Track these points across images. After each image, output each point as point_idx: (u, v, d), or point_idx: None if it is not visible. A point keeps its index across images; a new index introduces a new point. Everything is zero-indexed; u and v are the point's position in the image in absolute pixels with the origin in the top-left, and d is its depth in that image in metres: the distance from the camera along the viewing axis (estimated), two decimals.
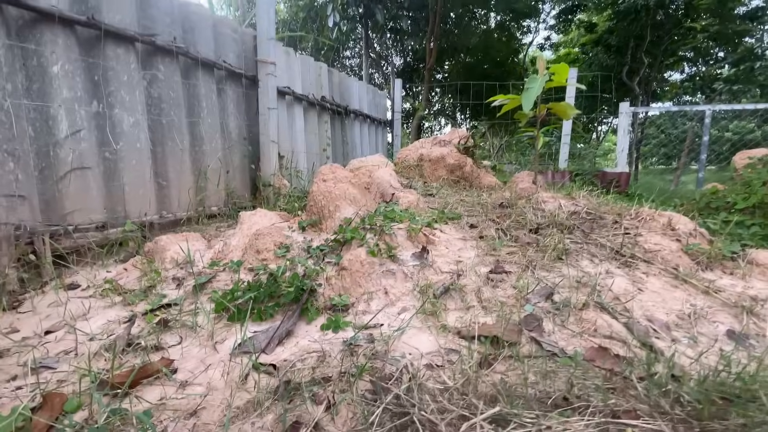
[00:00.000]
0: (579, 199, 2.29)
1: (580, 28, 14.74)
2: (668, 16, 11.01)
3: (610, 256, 1.65)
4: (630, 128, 5.79)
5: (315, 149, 4.61)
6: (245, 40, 3.44)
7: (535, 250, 1.71)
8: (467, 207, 2.40)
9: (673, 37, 11.46)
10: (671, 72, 14.48)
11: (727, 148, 10.57)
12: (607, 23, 12.76)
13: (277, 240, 1.72)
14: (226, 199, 3.26)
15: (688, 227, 1.82)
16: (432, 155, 3.30)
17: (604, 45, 13.02)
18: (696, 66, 13.64)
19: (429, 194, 2.90)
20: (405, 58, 13.86)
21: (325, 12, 6.82)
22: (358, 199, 1.94)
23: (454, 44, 12.95)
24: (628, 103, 5.69)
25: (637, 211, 2.03)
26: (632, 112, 5.69)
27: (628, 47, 12.21)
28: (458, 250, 1.72)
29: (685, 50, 12.40)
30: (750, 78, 9.22)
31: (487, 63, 14.30)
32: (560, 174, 6.12)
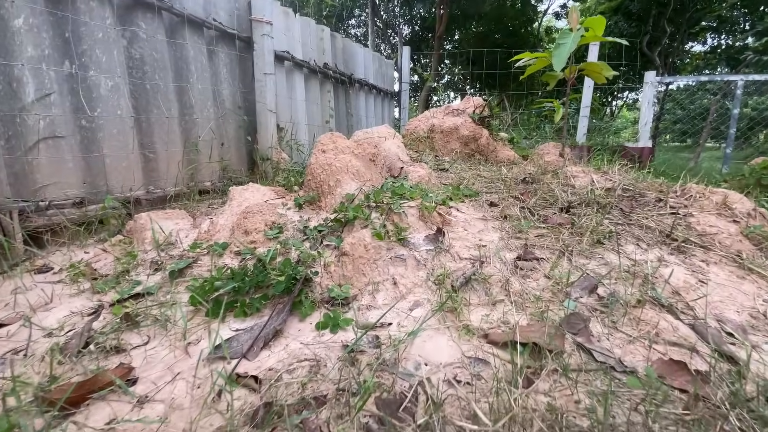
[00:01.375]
0: (613, 174, 2.03)
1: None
2: None
3: (660, 241, 1.41)
4: (655, 100, 5.40)
5: (317, 121, 4.31)
6: None
7: (570, 233, 1.47)
8: (486, 183, 2.15)
9: (697, 5, 10.71)
10: (693, 43, 13.70)
11: (746, 123, 10.03)
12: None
13: (269, 219, 1.49)
14: (221, 173, 3.02)
15: (746, 206, 1.56)
16: (444, 126, 3.01)
17: (624, 13, 12.26)
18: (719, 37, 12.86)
19: (441, 169, 2.64)
20: (413, 27, 13.21)
21: None
22: (362, 173, 1.69)
23: (466, 11, 12.27)
24: (654, 73, 5.27)
25: (683, 188, 1.77)
26: (658, 82, 5.28)
27: (649, 15, 11.48)
28: (479, 232, 1.48)
29: (710, 19, 11.63)
30: None
31: (500, 32, 13.61)
32: (578, 149, 5.78)
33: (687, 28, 11.16)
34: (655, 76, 5.26)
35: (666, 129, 14.74)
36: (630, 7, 12.04)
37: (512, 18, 13.01)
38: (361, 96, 5.46)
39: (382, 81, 6.18)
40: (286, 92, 3.73)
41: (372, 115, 5.95)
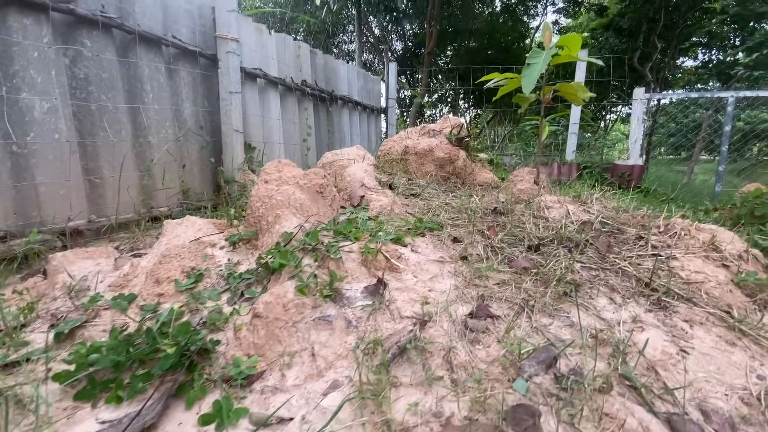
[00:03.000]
0: (591, 204, 1.85)
1: (589, 11, 14.00)
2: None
3: (637, 292, 1.22)
4: (644, 116, 5.28)
5: (295, 139, 4.16)
6: (203, 14, 2.97)
7: (534, 280, 1.28)
8: (453, 213, 1.96)
9: (687, 21, 10.77)
10: (684, 58, 13.77)
11: (738, 138, 9.96)
12: (618, 6, 12.04)
13: (188, 264, 1.29)
14: (181, 197, 2.83)
15: (737, 247, 1.37)
16: (418, 147, 2.84)
17: (615, 29, 12.32)
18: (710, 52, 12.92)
19: (412, 194, 2.46)
20: (405, 43, 13.23)
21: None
22: (307, 207, 1.50)
23: (457, 27, 12.31)
24: (643, 89, 5.16)
25: (667, 223, 1.58)
26: (647, 99, 5.17)
27: (640, 31, 11.53)
28: (431, 279, 1.29)
29: (701, 34, 11.69)
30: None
31: (492, 48, 13.65)
32: (567, 166, 5.64)
33: (677, 44, 11.20)
34: (644, 93, 5.16)
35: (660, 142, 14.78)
36: (620, 23, 12.10)
37: (504, 34, 13.07)
38: (345, 113, 5.32)
39: (367, 97, 6.06)
40: (258, 110, 3.57)
41: (357, 132, 5.81)
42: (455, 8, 11.93)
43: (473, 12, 12.09)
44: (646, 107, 5.26)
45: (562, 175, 5.53)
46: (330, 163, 2.70)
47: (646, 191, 4.70)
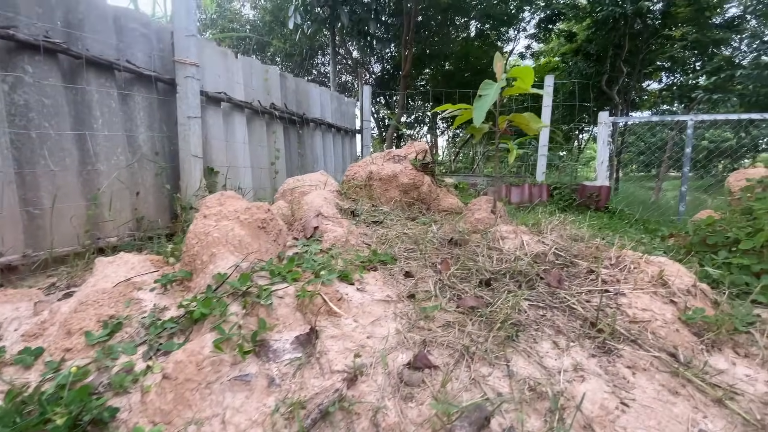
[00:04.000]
0: (547, 234, 1.83)
1: (560, 37, 14.63)
2: (646, 25, 10.91)
3: (583, 333, 1.17)
4: (610, 139, 5.44)
5: (263, 163, 4.08)
6: (162, 38, 2.90)
7: (480, 321, 1.22)
8: (410, 243, 1.91)
9: (650, 47, 11.36)
10: (650, 81, 14.47)
11: (704, 155, 10.41)
12: (586, 32, 12.63)
13: (107, 312, 1.19)
14: (135, 226, 2.70)
15: (685, 281, 1.36)
16: (383, 173, 2.81)
17: (584, 54, 12.90)
18: (673, 75, 13.63)
19: (374, 221, 2.41)
20: (383, 64, 13.47)
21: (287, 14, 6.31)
22: (247, 244, 1.42)
23: (433, 51, 12.63)
24: (608, 113, 5.34)
25: (618, 256, 1.57)
26: (612, 122, 5.34)
27: (606, 56, 12.08)
28: (372, 323, 1.22)
29: (663, 59, 12.34)
30: (727, 87, 9.08)
31: (468, 71, 14.05)
32: (538, 188, 5.72)
33: (641, 68, 11.76)
34: (608, 116, 5.33)
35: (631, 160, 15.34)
36: (588, 48, 12.68)
37: (478, 58, 13.47)
38: (318, 135, 5.29)
39: (341, 119, 6.06)
40: (222, 134, 3.49)
41: (332, 154, 5.78)
42: (431, 33, 12.26)
43: (449, 37, 12.44)
44: (611, 130, 5.43)
45: (533, 196, 5.60)
46: (291, 190, 2.63)
47: (613, 212, 4.79)
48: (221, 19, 9.81)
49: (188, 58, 2.85)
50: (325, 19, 6.56)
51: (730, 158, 12.23)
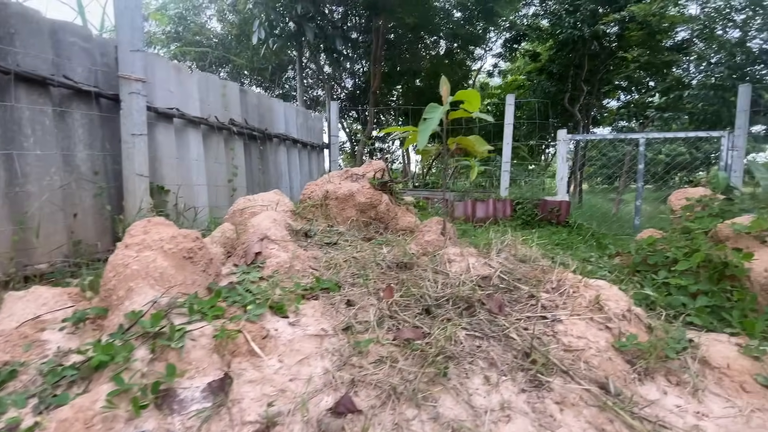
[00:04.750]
0: (493, 256, 1.81)
1: (525, 56, 15.24)
2: (602, 47, 11.53)
3: (516, 365, 1.14)
4: (568, 155, 5.63)
5: (220, 180, 3.95)
6: (106, 52, 2.78)
7: (415, 355, 1.17)
8: (358, 268, 1.85)
9: (608, 67, 11.99)
10: (609, 99, 15.25)
11: (662, 168, 10.98)
12: (549, 53, 13.21)
13: (2, 358, 1.06)
14: (71, 251, 2.51)
15: (621, 306, 1.36)
16: (339, 192, 2.75)
17: (547, 73, 13.46)
18: (630, 94, 14.44)
19: (328, 243, 2.34)
20: (354, 80, 13.58)
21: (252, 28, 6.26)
22: (169, 277, 1.32)
23: (403, 68, 12.85)
24: (566, 131, 5.54)
25: (559, 278, 1.57)
26: (570, 139, 5.54)
27: (568, 75, 12.66)
28: (300, 362, 1.14)
29: (620, 79, 13.04)
30: (678, 106, 9.68)
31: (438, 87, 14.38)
32: (502, 203, 5.82)
33: (599, 88, 12.36)
34: (566, 134, 5.52)
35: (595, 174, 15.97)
36: (551, 68, 13.26)
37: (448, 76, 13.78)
38: (282, 151, 5.20)
39: (308, 135, 6.00)
40: (174, 151, 3.36)
41: (297, 170, 5.70)
42: (401, 50, 12.49)
43: (418, 54, 12.70)
44: (569, 146, 5.63)
45: (497, 211, 5.69)
46: (240, 211, 2.53)
47: (573, 227, 4.91)
48: (186, 33, 9.63)
49: (133, 74, 2.73)
50: (290, 34, 6.55)
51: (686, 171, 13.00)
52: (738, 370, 1.15)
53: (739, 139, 5.03)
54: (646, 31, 10.21)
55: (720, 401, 1.08)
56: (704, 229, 1.92)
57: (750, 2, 8.55)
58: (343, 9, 10.41)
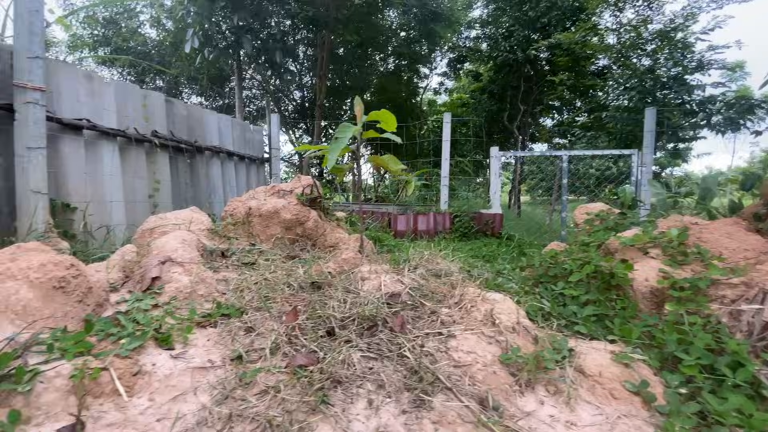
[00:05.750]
0: (406, 273, 1.84)
1: (468, 76, 16.06)
2: (535, 70, 12.46)
3: (404, 385, 1.15)
4: (500, 171, 5.95)
5: (139, 196, 3.68)
6: (1, 59, 2.51)
7: (301, 383, 1.13)
8: (268, 289, 1.79)
9: (541, 88, 12.96)
10: (545, 118, 16.45)
11: (593, 181, 11.93)
12: (489, 74, 14.03)
13: None
14: None
15: (512, 319, 1.43)
16: (263, 209, 2.67)
17: (488, 92, 14.26)
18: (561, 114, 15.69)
19: (246, 263, 2.25)
20: (303, 93, 13.49)
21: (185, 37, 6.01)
22: (35, 310, 1.18)
23: (351, 83, 13.00)
24: (498, 148, 5.86)
25: (461, 293, 1.62)
26: (501, 156, 5.86)
27: (507, 95, 13.51)
28: (174, 399, 1.06)
29: (552, 100, 14.14)
30: (600, 125, 10.65)
31: (388, 103, 14.67)
32: (442, 216, 6.00)
33: (533, 107, 13.29)
34: (498, 151, 5.83)
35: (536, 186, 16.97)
36: (492, 88, 14.08)
37: (397, 92, 14.15)
38: (215, 164, 4.98)
39: (246, 148, 5.81)
40: (83, 165, 3.09)
41: (233, 183, 5.47)
42: (349, 65, 12.65)
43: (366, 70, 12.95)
44: (500, 163, 5.95)
45: (437, 224, 5.85)
46: (150, 230, 2.37)
47: (505, 238, 5.17)
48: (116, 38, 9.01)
49: (31, 82, 2.49)
50: (227, 45, 6.37)
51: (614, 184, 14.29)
52: (609, 377, 1.24)
53: (647, 156, 5.61)
54: (572, 57, 11.20)
55: (591, 409, 1.15)
56: (598, 242, 2.09)
57: (657, 34, 9.70)
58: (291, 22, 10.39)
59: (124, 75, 10.74)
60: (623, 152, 5.94)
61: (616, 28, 10.57)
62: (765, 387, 1.21)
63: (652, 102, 8.70)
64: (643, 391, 1.18)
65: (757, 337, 1.47)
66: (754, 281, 1.61)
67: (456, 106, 16.32)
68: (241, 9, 5.86)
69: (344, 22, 7.51)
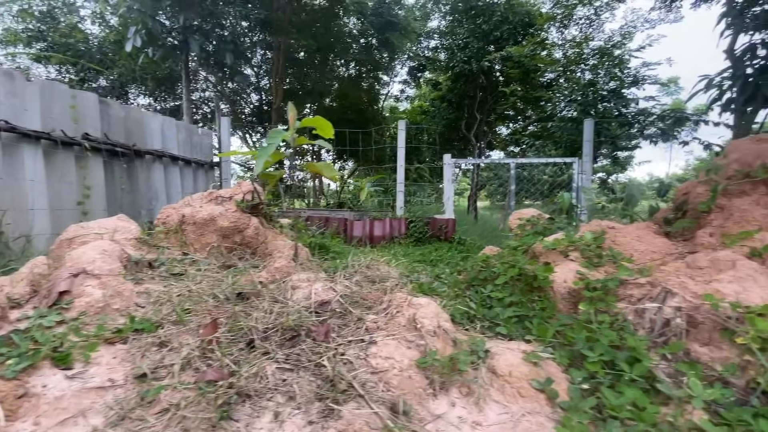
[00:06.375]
0: (338, 281, 1.83)
1: (428, 85, 16.42)
2: (489, 81, 12.97)
3: (316, 395, 1.13)
4: (453, 177, 6.12)
5: (67, 203, 3.43)
6: None
7: (207, 400, 1.09)
8: (192, 302, 1.71)
9: (496, 98, 13.50)
10: (501, 126, 17.13)
11: (547, 186, 12.51)
12: (448, 83, 14.43)
13: None
14: None
15: (433, 323, 1.46)
16: (198, 216, 2.57)
17: (447, 101, 14.65)
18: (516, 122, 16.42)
19: (175, 274, 2.14)
20: (260, 97, 13.20)
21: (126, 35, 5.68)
22: None
23: (311, 87, 12.89)
24: (450, 155, 6.02)
25: (390, 299, 1.63)
26: (453, 163, 6.03)
27: (464, 104, 13.95)
28: (62, 422, 0.99)
29: (506, 109, 14.77)
30: (549, 135, 11.25)
31: (349, 109, 14.66)
32: (397, 221, 6.06)
33: (488, 116, 13.80)
34: (450, 158, 6.00)
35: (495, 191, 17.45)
36: (450, 97, 14.48)
37: (358, 98, 14.19)
38: (157, 169, 4.74)
39: (193, 152, 5.59)
40: (1, 170, 2.83)
41: (179, 189, 5.23)
42: (308, 70, 12.54)
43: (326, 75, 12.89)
44: (454, 170, 6.13)
45: (393, 229, 5.90)
46: (69, 240, 2.20)
47: (457, 242, 5.30)
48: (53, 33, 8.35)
49: None
50: (174, 45, 6.10)
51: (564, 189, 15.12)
52: (518, 376, 1.29)
53: (586, 164, 5.99)
54: (522, 70, 11.77)
55: (498, 408, 1.20)
56: (526, 246, 2.19)
57: (598, 51, 10.44)
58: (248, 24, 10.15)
59: (63, 74, 10.00)
60: (565, 160, 6.31)
61: (562, 44, 11.27)
62: (659, 381, 1.31)
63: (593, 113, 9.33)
64: (548, 388, 1.24)
65: (658, 333, 1.60)
66: (658, 281, 1.75)
67: (417, 114, 16.62)
68: (189, 8, 5.63)
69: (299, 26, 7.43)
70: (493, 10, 11.39)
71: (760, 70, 5.32)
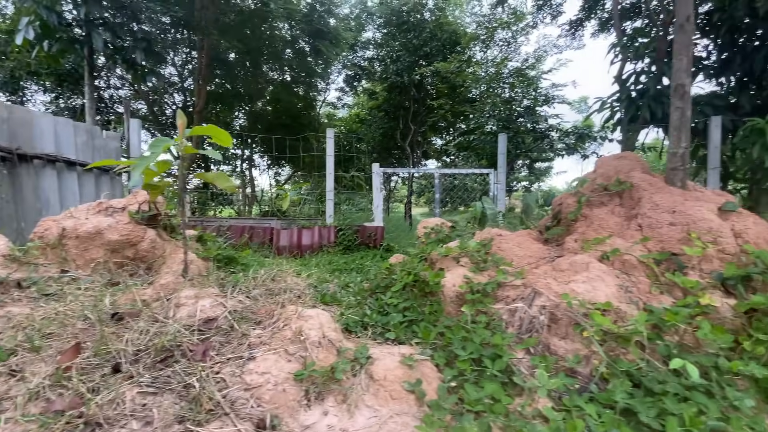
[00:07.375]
0: (229, 296, 1.78)
1: (365, 94, 16.66)
2: (420, 94, 13.52)
3: (177, 418, 1.09)
4: (382, 186, 6.26)
5: None
6: None
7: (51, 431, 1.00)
8: (59, 324, 1.56)
9: (426, 110, 14.10)
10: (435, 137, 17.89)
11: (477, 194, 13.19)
12: (383, 93, 14.76)
13: None
14: None
15: (318, 334, 1.48)
16: (82, 229, 2.34)
17: (384, 111, 14.97)
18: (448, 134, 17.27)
19: (48, 294, 1.93)
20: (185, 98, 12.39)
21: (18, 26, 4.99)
22: None
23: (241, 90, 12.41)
24: (378, 165, 6.16)
25: (281, 312, 1.63)
26: (381, 172, 6.17)
27: (399, 114, 14.37)
28: None
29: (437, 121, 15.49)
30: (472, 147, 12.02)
31: (285, 114, 14.32)
32: (327, 230, 6.04)
33: (420, 127, 14.35)
34: (378, 167, 6.13)
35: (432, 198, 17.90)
36: (385, 107, 14.83)
37: (291, 103, 13.93)
38: (49, 175, 4.22)
39: (94, 156, 5.06)
40: None
41: (77, 198, 4.69)
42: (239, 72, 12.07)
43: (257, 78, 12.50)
44: (382, 178, 6.28)
45: (322, 238, 5.87)
46: None
47: (385, 249, 5.42)
48: None
49: None
50: (74, 39, 5.49)
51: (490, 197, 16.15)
52: (392, 380, 1.36)
53: (501, 175, 6.48)
54: (449, 85, 12.46)
55: (368, 412, 1.25)
56: (425, 254, 2.32)
57: (515, 71, 11.41)
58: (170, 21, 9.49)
59: None
60: (483, 171, 6.77)
61: (484, 62, 12.13)
62: (516, 374, 1.46)
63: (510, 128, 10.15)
64: (417, 389, 1.32)
65: (526, 330, 1.78)
66: (530, 282, 1.96)
67: (354, 122, 16.75)
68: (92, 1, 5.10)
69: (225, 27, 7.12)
70: (423, 26, 11.93)
71: (640, 93, 6.21)
